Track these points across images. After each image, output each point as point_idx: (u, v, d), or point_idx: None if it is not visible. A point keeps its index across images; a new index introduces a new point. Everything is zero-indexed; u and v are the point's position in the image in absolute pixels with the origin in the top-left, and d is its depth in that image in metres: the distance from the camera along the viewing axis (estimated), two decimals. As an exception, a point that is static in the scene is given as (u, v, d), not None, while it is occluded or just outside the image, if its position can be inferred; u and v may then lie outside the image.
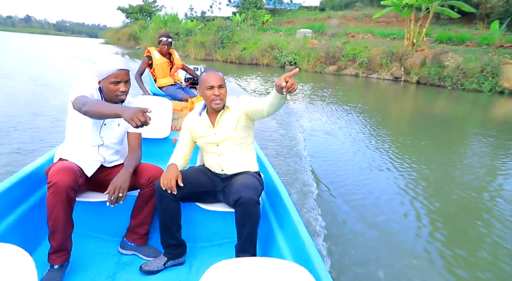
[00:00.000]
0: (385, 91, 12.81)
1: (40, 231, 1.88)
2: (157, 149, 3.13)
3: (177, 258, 1.88)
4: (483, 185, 4.03)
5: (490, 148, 5.61)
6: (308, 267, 1.30)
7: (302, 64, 16.70)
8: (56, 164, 1.72)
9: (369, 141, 5.42)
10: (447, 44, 18.27)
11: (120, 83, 1.74)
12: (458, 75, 12.77)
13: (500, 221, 3.06)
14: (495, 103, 10.94)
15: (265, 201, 2.18)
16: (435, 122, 7.63)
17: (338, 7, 32.72)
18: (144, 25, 33.95)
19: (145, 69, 4.17)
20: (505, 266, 2.42)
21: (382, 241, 2.66)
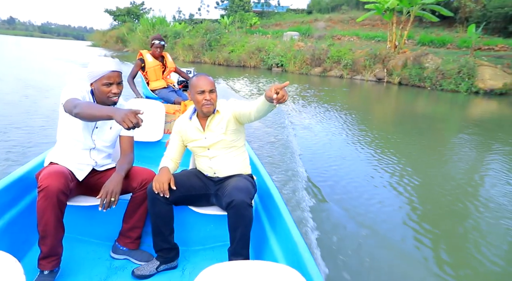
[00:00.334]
0: (367, 91, 13.31)
1: (29, 236, 1.88)
2: (149, 152, 3.11)
3: (169, 262, 1.88)
4: (463, 177, 4.40)
5: (469, 146, 6.02)
6: (301, 269, 1.32)
7: (289, 66, 17.16)
8: (47, 168, 1.71)
9: (345, 135, 5.84)
10: (429, 46, 18.97)
11: (112, 85, 1.75)
12: (437, 76, 13.36)
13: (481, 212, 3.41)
14: (471, 102, 11.52)
15: (258, 203, 2.19)
16: (416, 120, 8.11)
17: (325, 10, 33.36)
18: (132, 27, 33.96)
19: (137, 72, 4.19)
20: (485, 260, 2.57)
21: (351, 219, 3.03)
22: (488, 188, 4.00)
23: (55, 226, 1.59)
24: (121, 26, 38.19)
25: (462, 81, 12.64)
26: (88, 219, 2.02)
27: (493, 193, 3.78)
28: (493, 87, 12.22)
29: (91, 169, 1.87)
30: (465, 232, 3.03)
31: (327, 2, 34.78)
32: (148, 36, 28.13)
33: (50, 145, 2.36)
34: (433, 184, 4.05)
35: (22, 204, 1.91)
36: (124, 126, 1.41)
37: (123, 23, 38.63)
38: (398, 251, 2.64)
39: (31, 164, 2.05)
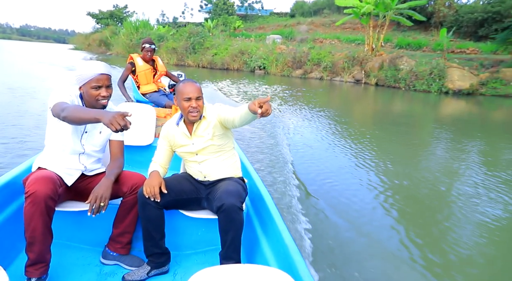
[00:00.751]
0: (346, 92, 13.99)
1: (16, 243, 1.85)
2: (140, 156, 3.12)
3: (161, 267, 1.88)
4: (436, 169, 4.80)
5: (442, 142, 6.53)
6: (292, 273, 1.34)
7: (271, 69, 17.78)
8: (34, 173, 1.70)
9: (325, 131, 6.40)
10: (406, 49, 19.93)
11: (101, 88, 1.74)
12: (411, 77, 14.18)
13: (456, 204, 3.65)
14: (442, 102, 12.32)
15: (249, 207, 2.19)
16: (391, 118, 8.76)
17: (307, 13, 34.23)
18: (115, 31, 34.04)
19: (128, 75, 4.19)
20: (462, 250, 2.75)
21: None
22: (460, 178, 4.46)
23: (43, 232, 1.57)
24: (104, 29, 38.19)
25: (433, 82, 13.48)
26: (77, 224, 2.00)
27: (464, 183, 4.22)
28: (461, 87, 13.09)
29: (80, 174, 1.87)
30: (438, 220, 3.31)
31: (309, 5, 35.72)
32: (131, 39, 28.37)
33: (38, 150, 2.41)
34: (410, 176, 4.41)
35: (9, 210, 1.87)
36: (112, 129, 1.40)
37: (106, 26, 38.63)
38: (374, 238, 2.86)
39: (19, 170, 2.02)
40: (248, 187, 2.00)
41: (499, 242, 2.96)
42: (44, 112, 5.49)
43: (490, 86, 13.22)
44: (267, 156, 4.68)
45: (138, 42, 27.34)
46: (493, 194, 3.88)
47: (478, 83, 13.28)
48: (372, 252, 2.67)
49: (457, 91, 13.13)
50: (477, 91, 13.20)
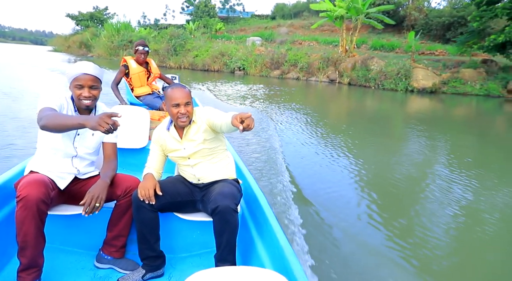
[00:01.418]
0: (321, 91, 15.00)
1: (8, 248, 1.84)
2: (134, 159, 3.12)
3: (156, 270, 1.88)
4: (404, 161, 5.35)
5: (410, 135, 7.15)
6: (287, 275, 1.35)
7: (250, 69, 18.69)
8: (26, 176, 1.70)
9: (300, 126, 7.27)
10: (380, 50, 21.23)
11: (83, 88, 1.73)
12: (380, 77, 15.32)
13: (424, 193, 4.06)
14: (408, 99, 13.44)
15: (244, 208, 2.21)
16: (363, 114, 9.70)
17: (287, 16, 35.37)
18: (96, 32, 34.29)
19: (121, 78, 4.22)
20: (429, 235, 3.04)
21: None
22: (428, 169, 4.97)
23: (35, 236, 1.57)
24: (84, 31, 38.28)
25: (400, 81, 14.64)
26: (71, 228, 2.00)
27: (433, 174, 4.71)
28: (424, 86, 14.29)
29: (73, 177, 1.87)
30: (409, 209, 3.66)
31: (289, 8, 36.88)
32: (113, 41, 28.78)
33: (27, 154, 2.57)
34: (382, 167, 4.94)
35: (0, 214, 1.88)
36: (101, 130, 1.40)
37: (86, 28, 38.73)
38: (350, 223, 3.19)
39: (10, 173, 2.03)
40: (242, 188, 2.02)
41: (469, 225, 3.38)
42: (32, 115, 5.83)
43: (450, 85, 14.47)
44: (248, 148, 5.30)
45: (120, 44, 27.84)
46: (461, 182, 4.38)
47: (440, 82, 14.51)
48: (340, 235, 2.96)
49: (421, 89, 14.32)
50: (439, 90, 14.43)
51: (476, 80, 14.34)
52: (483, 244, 3.04)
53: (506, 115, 10.98)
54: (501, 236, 3.19)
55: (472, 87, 14.18)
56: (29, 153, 3.19)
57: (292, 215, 3.02)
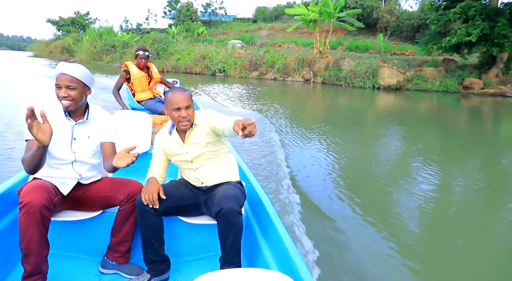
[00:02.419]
0: (297, 89, 16.41)
1: (12, 255, 1.88)
2: (136, 164, 3.29)
3: (161, 275, 1.91)
4: (373, 151, 6.21)
5: (380, 128, 8.35)
6: (294, 276, 1.40)
7: (230, 71, 20.07)
8: (29, 183, 1.73)
9: (278, 121, 8.58)
10: (355, 51, 22.89)
11: (61, 88, 1.75)
12: (350, 76, 16.87)
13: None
14: (375, 96, 14.97)
15: (248, 210, 2.24)
16: (334, 109, 11.06)
17: (268, 19, 36.91)
18: (78, 37, 35.08)
19: (123, 83, 4.29)
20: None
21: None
22: (394, 155, 5.78)
23: (39, 242, 1.59)
24: (66, 36, 38.99)
25: (368, 80, 16.22)
26: (74, 234, 2.03)
27: (401, 163, 5.41)
28: (390, 83, 15.88)
29: (76, 182, 1.89)
30: (381, 196, 4.08)
31: (270, 11, 38.45)
32: (95, 46, 29.74)
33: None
34: (356, 157, 5.62)
35: (4, 221, 1.90)
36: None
37: (67, 33, 39.46)
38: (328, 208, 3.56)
39: (13, 180, 2.06)
40: (246, 190, 2.05)
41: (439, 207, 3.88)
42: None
43: (414, 82, 16.11)
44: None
45: (103, 49, 28.82)
46: (425, 168, 5.03)
47: (404, 80, 16.13)
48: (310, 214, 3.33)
49: (386, 86, 15.91)
50: (404, 87, 16.04)
51: (436, 77, 16.02)
52: (446, 221, 3.56)
53: (462, 109, 12.51)
54: (459, 212, 3.77)
55: (433, 84, 15.83)
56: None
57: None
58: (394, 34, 25.06)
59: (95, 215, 1.96)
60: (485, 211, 3.92)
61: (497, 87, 15.07)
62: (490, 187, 4.54)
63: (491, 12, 14.10)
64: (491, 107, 12.48)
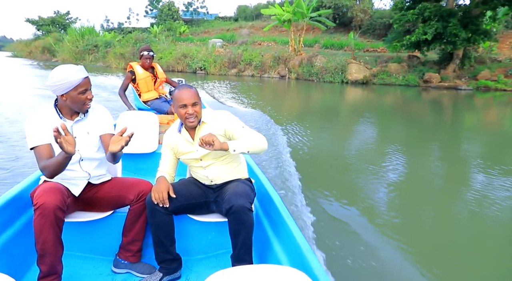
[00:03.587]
0: (273, 85, 18.09)
1: (28, 256, 1.94)
2: (145, 164, 3.28)
3: (172, 273, 1.98)
4: (341, 138, 7.56)
5: (349, 118, 9.90)
6: (306, 271, 1.42)
7: (210, 69, 21.67)
8: (41, 185, 1.80)
9: (255, 112, 10.15)
10: (331, 49, 24.70)
11: (87, 91, 1.87)
12: (322, 72, 18.67)
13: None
14: (344, 90, 16.74)
15: (258, 207, 2.33)
16: (309, 101, 12.72)
17: (250, 17, 38.48)
18: (59, 37, 35.92)
19: (128, 84, 4.39)
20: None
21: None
22: (365, 146, 6.50)
23: (53, 243, 1.67)
24: (46, 36, 39.72)
25: (337, 75, 18.04)
26: (87, 235, 2.12)
27: (368, 150, 6.21)
28: (357, 78, 17.74)
29: (87, 183, 1.98)
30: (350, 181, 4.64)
31: (251, 10, 40.07)
32: (77, 46, 30.83)
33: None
34: (321, 142, 6.51)
35: (18, 224, 1.99)
36: (114, 149, 1.75)
37: (48, 33, 40.18)
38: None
39: (25, 183, 2.13)
40: (255, 187, 2.11)
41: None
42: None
43: (379, 77, 17.97)
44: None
45: (85, 49, 29.96)
46: (390, 153, 5.80)
47: (371, 75, 18.00)
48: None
49: (354, 81, 17.76)
50: (370, 81, 17.90)
51: (399, 72, 17.92)
52: (411, 197, 4.17)
53: (422, 101, 14.23)
54: (421, 190, 4.42)
55: (396, 78, 17.73)
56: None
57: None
58: (368, 32, 27.03)
59: (106, 215, 2.05)
60: (446, 187, 4.67)
61: (452, 81, 17.03)
62: (448, 166, 5.47)
63: (444, 13, 16.03)
64: (445, 99, 14.29)
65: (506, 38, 20.78)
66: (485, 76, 16.31)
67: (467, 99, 14.19)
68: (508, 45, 20.00)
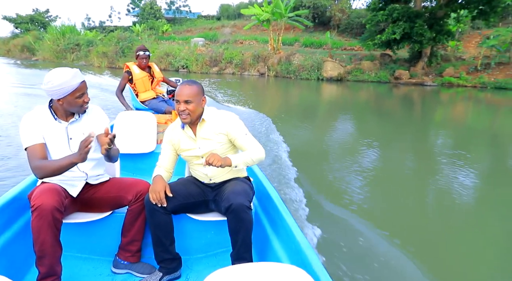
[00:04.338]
0: (253, 82, 19.29)
1: (27, 258, 1.95)
2: (143, 164, 3.31)
3: (172, 272, 2.02)
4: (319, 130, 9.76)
5: (326, 111, 11.52)
6: (306, 268, 1.44)
7: (192, 67, 22.78)
8: (39, 187, 1.83)
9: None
10: (310, 47, 26.08)
11: (84, 95, 1.91)
12: (299, 69, 20.00)
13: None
14: (319, 86, 18.07)
15: (257, 205, 2.37)
16: (287, 96, 13.92)
17: (232, 16, 39.55)
18: (39, 36, 36.16)
19: (125, 84, 4.45)
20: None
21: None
22: (342, 137, 7.36)
23: (52, 245, 1.70)
24: (25, 34, 39.79)
25: (313, 72, 19.40)
26: (86, 235, 2.15)
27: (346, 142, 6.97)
28: (332, 75, 19.13)
29: (84, 183, 2.01)
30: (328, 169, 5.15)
31: (233, 8, 41.18)
32: (58, 44, 31.30)
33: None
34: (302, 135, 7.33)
35: (17, 225, 2.02)
36: (101, 152, 1.75)
37: (27, 31, 40.26)
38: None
39: (23, 185, 2.16)
40: (254, 185, 2.17)
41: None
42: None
43: (353, 74, 19.41)
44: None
45: (67, 47, 30.48)
46: (364, 146, 6.38)
47: (345, 72, 19.42)
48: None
49: (329, 78, 19.15)
50: (345, 78, 19.32)
51: (372, 70, 19.38)
52: (384, 184, 4.64)
53: (392, 96, 15.59)
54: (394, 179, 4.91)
55: (369, 75, 19.18)
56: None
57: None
58: (346, 31, 28.55)
59: (104, 216, 2.07)
60: (417, 173, 5.22)
61: (420, 77, 18.57)
62: (416, 155, 6.25)
63: (411, 14, 17.55)
64: (413, 94, 15.69)
65: (472, 38, 22.55)
66: (449, 73, 17.88)
67: (433, 94, 15.67)
68: (474, 44, 21.71)
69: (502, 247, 3.29)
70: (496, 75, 17.09)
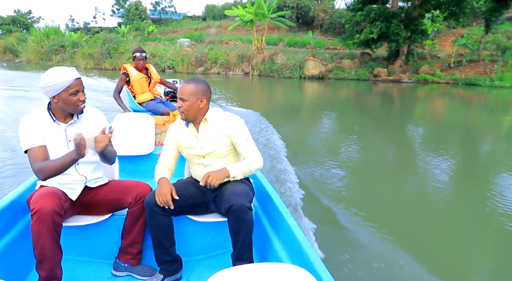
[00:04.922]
0: (238, 81, 20.20)
1: (27, 262, 1.97)
2: (142, 165, 3.39)
3: (173, 274, 2.04)
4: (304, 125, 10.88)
5: (310, 108, 12.46)
6: (308, 268, 1.45)
7: (178, 68, 23.60)
8: (38, 190, 1.86)
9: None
10: (294, 47, 27.12)
11: (79, 93, 1.89)
12: (282, 68, 21.00)
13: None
14: (301, 84, 19.07)
15: (257, 206, 2.40)
16: (272, 94, 14.83)
17: (218, 16, 40.34)
18: (22, 37, 36.35)
19: (123, 86, 4.47)
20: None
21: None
22: (320, 130, 8.22)
23: (52, 248, 1.72)
24: (7, 35, 39.93)
25: (296, 71, 20.43)
26: (86, 238, 2.17)
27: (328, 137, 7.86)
28: (313, 74, 20.19)
29: (84, 187, 2.02)
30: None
31: (219, 9, 42.01)
32: (42, 46, 31.61)
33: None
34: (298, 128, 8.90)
35: (16, 230, 2.03)
36: (97, 149, 1.78)
37: (9, 33, 40.44)
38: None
39: (21, 188, 2.18)
40: (254, 186, 2.20)
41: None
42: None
43: (334, 73, 20.49)
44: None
45: (51, 49, 30.85)
46: (347, 140, 6.96)
47: (326, 71, 20.49)
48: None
49: (311, 76, 20.20)
50: (326, 76, 20.39)
51: (352, 68, 20.50)
52: (367, 175, 5.09)
53: (371, 93, 16.59)
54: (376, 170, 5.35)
55: (349, 73, 20.28)
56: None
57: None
58: (329, 31, 29.68)
59: (104, 218, 2.10)
60: (396, 162, 5.75)
61: (398, 75, 19.74)
62: (396, 145, 6.87)
63: (388, 15, 18.71)
64: (391, 91, 16.77)
65: (448, 37, 23.88)
66: (425, 71, 19.09)
67: (410, 90, 16.81)
68: (449, 43, 22.99)
69: (476, 225, 3.74)
70: (467, 72, 18.37)
